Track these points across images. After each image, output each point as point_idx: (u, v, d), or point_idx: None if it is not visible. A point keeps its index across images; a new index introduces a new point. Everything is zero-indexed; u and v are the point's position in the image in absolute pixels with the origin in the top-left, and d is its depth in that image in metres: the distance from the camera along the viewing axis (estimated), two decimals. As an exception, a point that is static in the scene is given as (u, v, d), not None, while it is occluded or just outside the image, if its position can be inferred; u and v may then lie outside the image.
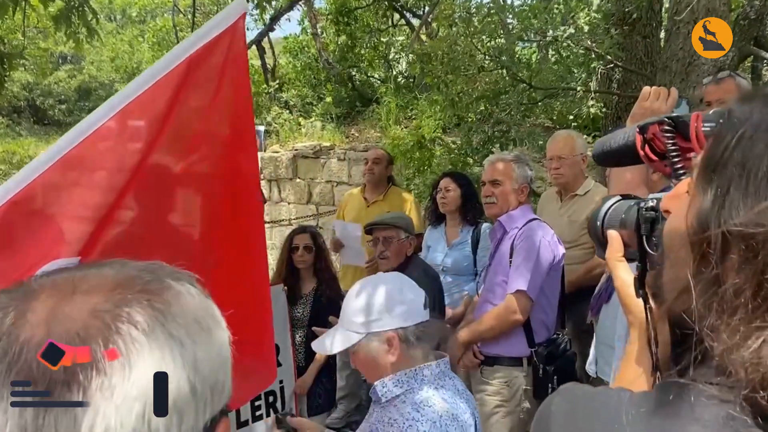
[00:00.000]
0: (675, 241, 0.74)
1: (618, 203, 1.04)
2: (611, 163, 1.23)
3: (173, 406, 0.61)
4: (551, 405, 0.77)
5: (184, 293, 0.68)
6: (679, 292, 0.71)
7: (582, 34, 6.30)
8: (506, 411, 3.06)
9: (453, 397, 1.79)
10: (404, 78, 11.10)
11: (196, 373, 0.64)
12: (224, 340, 0.70)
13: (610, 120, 6.47)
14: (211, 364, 0.66)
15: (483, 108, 7.12)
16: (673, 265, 0.75)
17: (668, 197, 0.84)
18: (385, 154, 5.11)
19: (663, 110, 1.80)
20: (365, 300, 1.82)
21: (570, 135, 3.96)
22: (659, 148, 0.99)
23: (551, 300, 3.13)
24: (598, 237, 1.05)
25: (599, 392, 0.77)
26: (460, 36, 7.15)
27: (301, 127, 10.60)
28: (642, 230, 0.91)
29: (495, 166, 3.26)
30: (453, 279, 4.02)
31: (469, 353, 3.16)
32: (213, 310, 0.71)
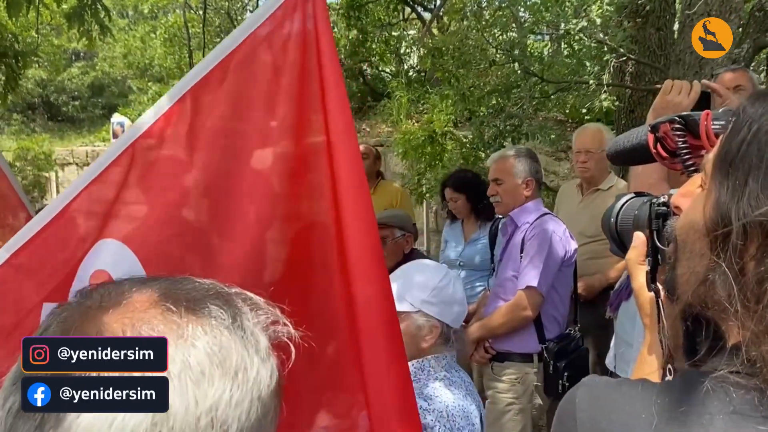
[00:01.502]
0: (690, 234, 0.75)
1: (631, 200, 1.06)
2: (625, 162, 1.24)
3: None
4: (575, 398, 0.77)
5: (217, 330, 0.62)
6: (696, 285, 0.72)
7: (594, 27, 6.25)
8: (519, 408, 3.06)
9: (460, 390, 1.81)
10: (415, 72, 11.08)
11: (164, 425, 0.57)
12: (236, 394, 0.61)
13: (623, 113, 6.43)
14: (189, 423, 0.58)
15: (495, 102, 7.08)
16: (688, 258, 0.75)
17: (678, 194, 0.84)
18: (371, 149, 5.12)
19: (685, 104, 1.79)
20: (436, 283, 1.87)
21: (599, 129, 3.90)
22: (670, 147, 0.99)
23: (562, 295, 3.12)
24: (611, 233, 1.06)
25: (623, 383, 0.77)
26: (472, 30, 7.12)
27: (313, 123, 10.58)
28: (654, 225, 0.92)
29: (496, 165, 3.25)
30: (469, 274, 4.01)
31: (481, 349, 3.16)
32: (245, 359, 0.63)
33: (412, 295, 1.85)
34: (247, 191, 1.62)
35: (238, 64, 1.61)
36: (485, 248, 3.99)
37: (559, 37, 7.00)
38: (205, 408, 0.58)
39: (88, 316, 0.62)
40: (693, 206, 0.76)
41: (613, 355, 2.90)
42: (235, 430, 0.60)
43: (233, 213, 1.62)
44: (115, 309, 0.62)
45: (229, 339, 0.62)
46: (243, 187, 1.62)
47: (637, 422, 0.69)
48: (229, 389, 0.60)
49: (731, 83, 3.10)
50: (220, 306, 0.64)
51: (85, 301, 0.64)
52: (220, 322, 0.63)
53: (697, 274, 0.72)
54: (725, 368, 0.67)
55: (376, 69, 12.20)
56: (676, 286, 0.78)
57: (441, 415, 1.71)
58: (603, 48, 6.53)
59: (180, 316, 0.61)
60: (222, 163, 1.63)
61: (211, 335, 0.61)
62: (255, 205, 1.61)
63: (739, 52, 5.39)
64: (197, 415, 0.57)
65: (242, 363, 0.62)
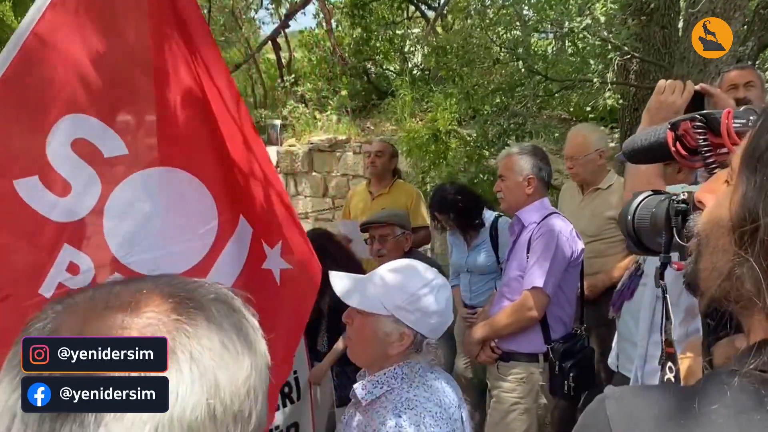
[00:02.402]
0: (714, 230, 0.74)
1: (648, 198, 1.05)
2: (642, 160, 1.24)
3: (188, 429, 0.60)
4: (605, 410, 0.75)
5: (216, 314, 0.67)
6: (721, 280, 0.71)
7: (598, 25, 6.24)
8: (524, 408, 3.05)
9: (437, 395, 1.71)
10: (419, 71, 11.07)
11: (217, 398, 0.62)
12: (258, 367, 0.68)
13: (628, 111, 6.41)
14: (237, 392, 0.65)
15: (498, 100, 7.08)
16: (711, 254, 0.75)
17: (702, 189, 0.84)
18: (387, 146, 5.00)
19: (679, 103, 1.81)
20: (415, 290, 1.74)
21: (581, 133, 3.82)
22: (690, 144, 0.99)
23: (569, 295, 3.10)
24: (628, 231, 1.06)
25: (651, 390, 0.76)
26: (476, 28, 7.12)
27: (317, 121, 10.60)
28: (673, 222, 0.92)
29: (501, 162, 3.24)
30: (478, 279, 3.99)
31: (487, 349, 3.15)
32: (249, 333, 0.69)
33: (388, 298, 1.73)
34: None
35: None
36: (489, 251, 3.97)
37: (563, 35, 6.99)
38: (243, 378, 0.66)
39: (94, 314, 0.63)
40: (718, 202, 0.76)
41: (615, 355, 2.90)
42: (261, 396, 0.68)
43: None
44: (129, 308, 0.64)
45: (241, 319, 0.70)
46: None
47: (676, 430, 0.68)
48: (254, 361, 0.68)
49: (739, 80, 3.09)
50: (216, 292, 0.71)
51: (93, 296, 0.66)
52: (229, 305, 0.70)
53: (720, 269, 0.72)
54: (753, 365, 0.66)
55: (380, 67, 12.17)
56: (698, 282, 0.78)
57: (418, 429, 1.60)
58: (607, 46, 6.51)
59: (198, 304, 0.67)
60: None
61: (231, 317, 0.69)
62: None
63: (743, 50, 5.38)
64: (239, 386, 0.65)
65: (255, 339, 0.70)
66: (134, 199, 1.97)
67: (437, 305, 1.75)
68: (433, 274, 1.81)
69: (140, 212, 1.98)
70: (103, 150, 1.91)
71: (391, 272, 1.80)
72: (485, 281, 3.98)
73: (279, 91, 12.35)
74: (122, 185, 1.95)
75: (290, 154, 9.84)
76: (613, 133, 7.76)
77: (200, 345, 0.63)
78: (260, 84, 12.37)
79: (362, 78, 11.62)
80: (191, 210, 2.09)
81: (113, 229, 1.92)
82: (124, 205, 1.94)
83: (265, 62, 13.19)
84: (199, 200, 2.11)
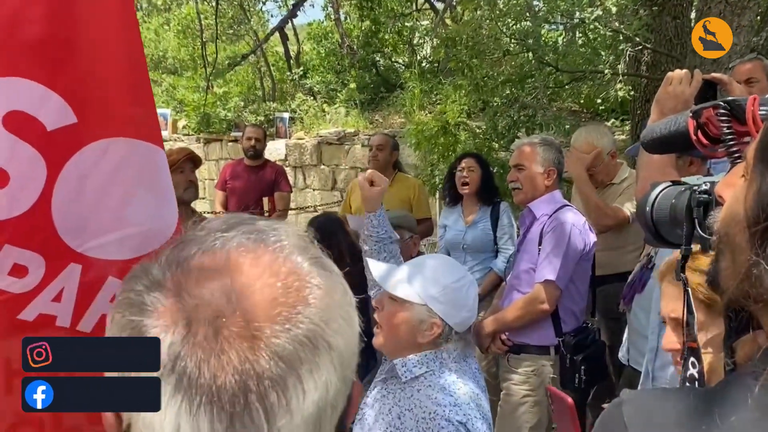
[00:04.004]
0: (732, 227, 0.71)
1: (668, 188, 1.03)
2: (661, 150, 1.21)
3: (324, 417, 0.59)
4: (622, 416, 0.73)
5: (327, 286, 0.62)
6: (739, 280, 0.68)
7: (610, 16, 6.20)
8: (534, 401, 3.03)
9: (472, 381, 1.80)
10: (428, 63, 11.01)
11: (340, 372, 0.60)
12: (357, 328, 0.65)
13: (639, 103, 6.35)
14: (349, 361, 0.62)
15: (508, 92, 7.04)
16: (731, 251, 0.72)
17: (723, 183, 0.81)
18: (388, 139, 5.02)
19: (687, 93, 1.81)
20: (450, 282, 1.82)
21: (589, 139, 3.70)
22: (713, 133, 0.96)
23: (580, 288, 3.08)
24: (646, 222, 1.03)
25: (669, 393, 0.74)
26: (485, 19, 7.06)
27: (326, 114, 10.58)
28: (695, 213, 0.89)
29: (520, 150, 3.20)
30: (473, 257, 4.02)
31: (498, 341, 3.13)
32: (349, 294, 0.66)
33: (422, 286, 1.80)
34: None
35: None
36: (487, 230, 4.01)
37: (574, 26, 6.95)
38: (356, 332, 0.64)
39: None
40: (735, 197, 0.73)
41: (626, 349, 2.88)
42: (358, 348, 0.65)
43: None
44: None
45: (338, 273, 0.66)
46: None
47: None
48: (356, 316, 0.65)
49: (746, 75, 3.07)
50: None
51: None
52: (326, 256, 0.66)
53: (739, 268, 0.69)
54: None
55: (389, 60, 12.13)
56: (720, 280, 0.75)
57: (459, 410, 1.69)
58: (618, 37, 6.47)
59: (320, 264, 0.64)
60: None
61: (334, 274, 0.65)
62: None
63: (757, 40, 5.31)
64: (355, 342, 0.63)
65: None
66: (86, 175, 1.64)
67: (467, 300, 1.83)
68: (465, 270, 1.93)
69: (92, 189, 1.66)
70: (45, 121, 1.57)
71: (428, 263, 1.90)
72: (480, 260, 4.01)
73: (287, 84, 12.33)
74: (72, 162, 1.61)
75: (299, 147, 9.83)
76: (624, 125, 7.71)
77: (331, 329, 0.60)
78: (269, 77, 12.34)
79: (371, 70, 11.59)
80: (159, 187, 1.79)
81: (64, 216, 1.62)
82: (74, 185, 1.62)
83: (273, 55, 13.18)
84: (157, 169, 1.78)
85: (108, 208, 1.68)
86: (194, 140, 11.05)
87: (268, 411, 0.54)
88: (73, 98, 1.61)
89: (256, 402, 0.54)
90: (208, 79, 10.70)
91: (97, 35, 1.66)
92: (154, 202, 1.77)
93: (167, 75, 14.67)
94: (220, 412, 0.53)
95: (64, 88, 1.59)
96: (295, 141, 10.03)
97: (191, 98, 11.66)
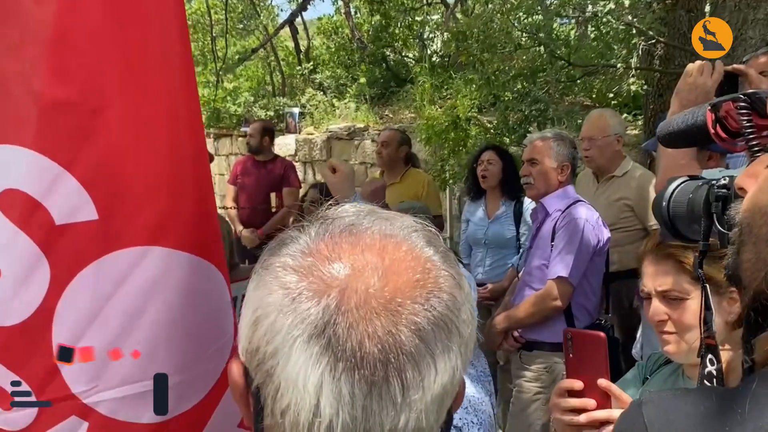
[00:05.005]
0: (757, 218, 0.70)
1: (685, 183, 1.01)
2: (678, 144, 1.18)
3: (446, 399, 0.61)
4: (642, 417, 0.71)
5: (456, 277, 0.65)
6: (766, 272, 0.67)
7: (622, 9, 6.13)
8: (546, 398, 3.01)
9: (475, 385, 1.77)
10: (439, 57, 10.98)
11: (464, 360, 0.63)
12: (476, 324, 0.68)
13: (652, 98, 6.30)
14: (470, 352, 0.64)
15: (520, 86, 7.00)
16: (755, 243, 0.70)
17: (744, 175, 0.79)
18: (394, 135, 4.95)
19: (708, 85, 1.78)
20: None
21: (602, 115, 3.83)
22: (732, 127, 0.94)
23: (593, 285, 3.05)
24: (663, 218, 1.01)
25: (691, 394, 0.72)
26: (496, 13, 7.02)
27: (335, 109, 10.57)
28: (713, 208, 0.88)
29: (533, 145, 3.18)
30: (495, 252, 3.99)
31: (510, 338, 3.11)
32: (470, 289, 0.68)
33: None
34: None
35: None
36: (510, 226, 3.97)
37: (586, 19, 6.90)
38: (476, 327, 0.66)
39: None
40: (760, 187, 0.71)
41: (640, 345, 2.85)
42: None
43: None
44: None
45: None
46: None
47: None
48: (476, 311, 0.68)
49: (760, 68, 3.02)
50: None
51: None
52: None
53: (765, 260, 0.68)
54: None
55: (399, 54, 12.10)
56: (741, 273, 0.73)
57: (463, 410, 1.68)
58: (631, 30, 6.41)
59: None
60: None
61: (458, 267, 0.67)
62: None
63: (774, 33, 5.24)
64: (474, 336, 0.65)
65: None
66: (106, 295, 1.21)
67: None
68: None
69: (113, 316, 1.22)
70: (54, 212, 1.17)
71: None
72: (501, 255, 3.98)
73: (297, 79, 12.32)
74: (87, 273, 1.20)
75: (308, 142, 9.83)
76: (637, 120, 7.65)
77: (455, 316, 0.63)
78: (278, 72, 12.35)
79: (381, 65, 11.57)
80: (199, 315, 1.32)
81: (70, 344, 1.20)
82: (88, 305, 1.21)
83: (283, 50, 13.18)
84: (213, 297, 1.35)
85: (134, 345, 1.24)
86: (205, 135, 11.08)
87: (404, 384, 0.57)
88: (96, 186, 1.19)
89: (394, 373, 0.56)
90: (218, 74, 10.72)
91: (143, 106, 1.23)
92: (197, 339, 1.31)
93: (177, 70, 14.69)
94: (361, 379, 0.56)
95: (84, 172, 1.19)
96: (304, 136, 10.02)
97: (201, 93, 11.67)
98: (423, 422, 0.58)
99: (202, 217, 1.32)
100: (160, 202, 1.25)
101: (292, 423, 0.57)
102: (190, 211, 1.29)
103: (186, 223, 1.28)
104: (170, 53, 1.27)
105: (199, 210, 1.31)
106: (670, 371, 1.61)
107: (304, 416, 0.56)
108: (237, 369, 0.64)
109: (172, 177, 1.26)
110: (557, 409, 1.33)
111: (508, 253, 3.97)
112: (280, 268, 0.62)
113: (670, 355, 1.53)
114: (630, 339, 3.08)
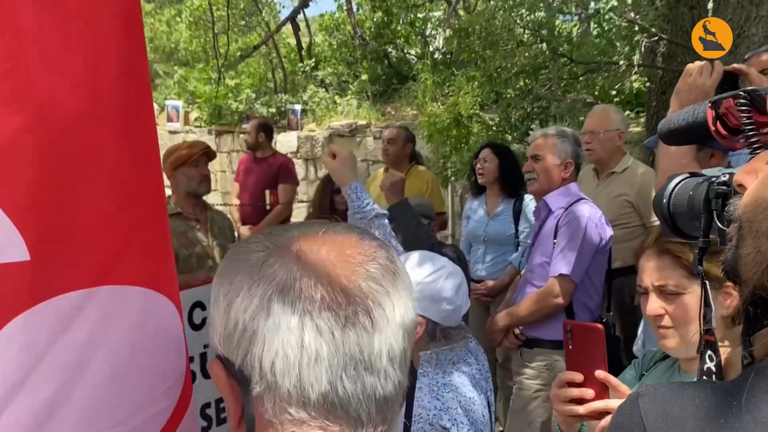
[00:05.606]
0: (757, 213, 0.71)
1: (685, 180, 1.01)
2: (678, 141, 1.19)
3: (408, 332, 0.73)
4: (639, 409, 0.72)
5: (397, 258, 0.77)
6: (765, 267, 0.68)
7: (625, 6, 6.13)
8: (547, 396, 3.01)
9: (469, 386, 1.80)
10: (441, 54, 10.97)
11: (412, 310, 0.75)
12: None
13: (654, 95, 6.29)
14: (414, 313, 0.76)
15: (522, 84, 6.99)
16: (755, 238, 0.71)
17: (743, 171, 0.79)
18: (400, 132, 4.95)
19: (708, 84, 1.79)
20: (421, 278, 1.83)
21: (605, 109, 3.86)
22: (732, 124, 0.94)
23: (595, 282, 3.05)
24: (663, 215, 1.02)
25: (686, 387, 0.73)
26: (499, 10, 7.02)
27: (337, 106, 10.57)
28: (713, 205, 0.89)
29: (537, 142, 3.18)
30: (493, 249, 4.02)
31: (511, 335, 3.11)
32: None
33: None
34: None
35: None
36: (509, 223, 4.00)
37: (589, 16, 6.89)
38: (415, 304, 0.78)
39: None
40: (762, 182, 0.72)
41: (641, 343, 2.85)
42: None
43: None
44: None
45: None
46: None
47: (717, 429, 0.64)
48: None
49: (763, 66, 3.02)
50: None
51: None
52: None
53: (764, 254, 0.68)
54: None
55: (401, 51, 12.08)
56: (740, 268, 0.74)
57: (446, 413, 1.71)
58: (634, 27, 6.40)
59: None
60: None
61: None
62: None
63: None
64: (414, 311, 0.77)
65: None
66: (40, 352, 1.02)
67: (444, 292, 1.83)
68: (442, 262, 1.90)
69: (47, 372, 1.03)
70: None
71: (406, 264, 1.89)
72: (500, 252, 4.01)
73: (299, 76, 12.31)
74: (14, 325, 0.99)
75: (310, 139, 9.83)
76: (639, 117, 7.64)
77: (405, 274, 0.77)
78: (280, 68, 12.35)
79: (383, 62, 11.56)
80: (148, 358, 1.18)
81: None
82: (15, 362, 1.00)
83: (285, 47, 13.17)
84: (164, 334, 1.23)
85: (75, 403, 1.06)
86: (206, 132, 11.08)
87: (370, 315, 0.68)
88: (27, 223, 0.99)
89: (361, 307, 0.68)
90: (220, 70, 10.72)
91: (85, 127, 1.06)
92: (147, 385, 1.18)
93: (179, 67, 14.71)
94: (333, 315, 0.66)
95: (14, 206, 0.98)
96: (306, 133, 10.02)
97: (203, 90, 11.68)
98: (393, 345, 0.69)
99: (157, 246, 1.21)
100: (112, 238, 1.11)
101: (282, 369, 0.65)
102: (145, 242, 1.18)
103: (139, 255, 1.16)
104: (124, 77, 1.13)
105: (154, 239, 1.21)
106: (666, 367, 1.62)
107: (293, 353, 0.65)
108: (217, 365, 0.71)
109: (125, 210, 1.13)
110: (557, 400, 1.35)
111: (508, 250, 4.00)
112: (242, 257, 0.72)
113: (668, 349, 1.54)
114: (632, 335, 3.08)
